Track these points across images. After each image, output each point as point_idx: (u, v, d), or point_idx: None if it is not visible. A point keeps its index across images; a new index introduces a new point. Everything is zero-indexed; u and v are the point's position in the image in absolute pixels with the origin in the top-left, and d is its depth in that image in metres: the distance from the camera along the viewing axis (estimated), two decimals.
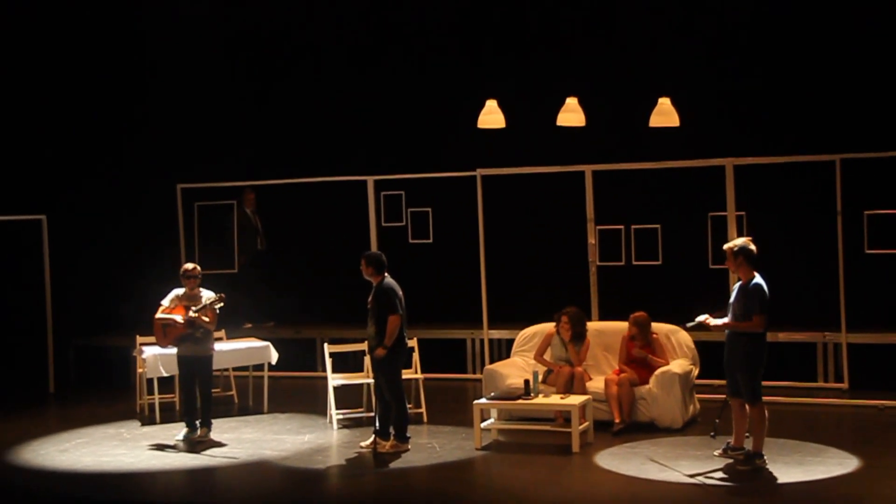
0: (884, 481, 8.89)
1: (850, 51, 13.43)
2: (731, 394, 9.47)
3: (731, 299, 9.41)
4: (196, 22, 15.44)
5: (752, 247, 9.36)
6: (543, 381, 11.05)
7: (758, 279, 9.28)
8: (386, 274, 10.34)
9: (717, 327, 9.40)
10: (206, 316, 10.77)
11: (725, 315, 9.38)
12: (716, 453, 9.57)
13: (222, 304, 10.83)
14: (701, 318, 9.51)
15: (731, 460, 9.40)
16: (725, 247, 9.51)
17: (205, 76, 15.82)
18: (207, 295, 10.88)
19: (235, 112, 15.75)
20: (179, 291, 10.94)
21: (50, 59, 14.98)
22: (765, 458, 9.27)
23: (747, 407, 9.34)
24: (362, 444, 10.45)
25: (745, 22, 13.86)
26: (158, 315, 10.92)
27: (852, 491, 8.69)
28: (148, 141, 15.67)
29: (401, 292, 10.31)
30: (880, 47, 13.35)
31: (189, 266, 11.03)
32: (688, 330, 10.09)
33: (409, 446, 10.32)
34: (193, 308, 10.75)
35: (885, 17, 13.24)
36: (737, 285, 9.47)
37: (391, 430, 10.34)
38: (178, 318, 10.79)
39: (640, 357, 11.14)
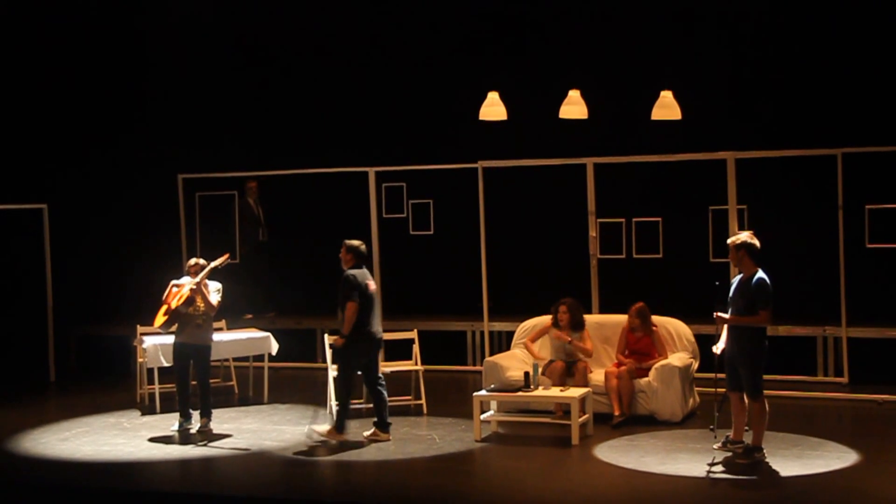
0: (883, 475, 8.90)
1: (852, 45, 13.42)
2: (731, 388, 9.46)
3: (731, 293, 9.41)
4: (198, 11, 15.42)
5: (756, 241, 9.35)
6: (543, 373, 11.05)
7: (761, 273, 9.28)
8: (358, 265, 10.35)
9: (723, 320, 9.38)
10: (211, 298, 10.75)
11: (725, 310, 9.39)
12: (715, 447, 9.57)
13: (221, 263, 10.78)
14: (717, 346, 9.54)
15: (730, 454, 9.41)
16: (728, 241, 9.52)
17: (206, 65, 15.82)
18: (215, 286, 10.87)
19: (237, 102, 15.75)
20: (186, 279, 10.91)
21: (51, 49, 14.98)
22: (764, 451, 9.28)
23: (747, 401, 9.35)
24: (365, 433, 10.45)
25: (748, 15, 13.84)
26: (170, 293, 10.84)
27: (851, 485, 8.69)
28: (149, 130, 15.68)
29: (368, 282, 10.26)
30: (882, 41, 13.33)
31: (191, 262, 11.00)
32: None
33: (348, 436, 10.29)
34: (197, 281, 10.68)
35: (886, 11, 13.22)
36: (736, 279, 9.47)
37: (338, 419, 10.34)
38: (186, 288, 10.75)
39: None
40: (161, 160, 15.40)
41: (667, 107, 12.64)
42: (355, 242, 10.51)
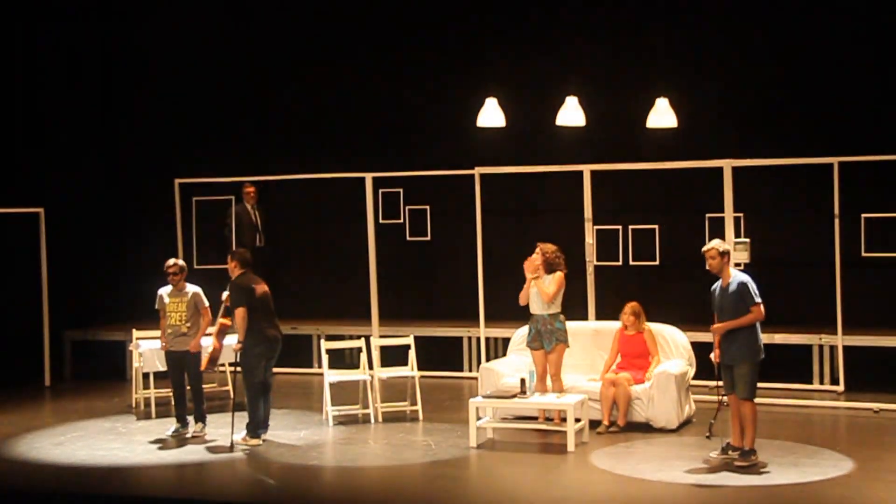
0: (878, 483, 8.90)
1: (849, 54, 13.44)
2: (728, 391, 9.49)
3: (718, 303, 9.46)
4: (195, 17, 15.43)
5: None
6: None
7: (741, 276, 9.37)
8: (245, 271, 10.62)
9: (720, 329, 9.41)
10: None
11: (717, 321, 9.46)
12: (713, 454, 9.57)
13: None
14: (714, 353, 9.61)
15: (728, 459, 9.41)
16: (707, 248, 9.57)
17: (204, 70, 15.82)
18: (193, 289, 10.88)
19: (234, 107, 15.75)
20: (164, 290, 10.91)
21: (48, 54, 14.98)
22: (757, 453, 9.31)
23: (742, 403, 9.37)
24: (236, 437, 10.57)
25: (745, 24, 13.87)
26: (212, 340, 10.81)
27: (847, 493, 8.69)
28: (146, 135, 15.68)
29: (254, 286, 10.54)
30: (879, 50, 13.36)
31: (169, 262, 11.00)
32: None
33: (261, 442, 10.46)
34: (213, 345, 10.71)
35: (883, 21, 13.25)
36: (715, 286, 9.51)
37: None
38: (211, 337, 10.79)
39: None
40: (158, 165, 15.39)
41: (663, 114, 12.66)
42: (240, 250, 10.88)
